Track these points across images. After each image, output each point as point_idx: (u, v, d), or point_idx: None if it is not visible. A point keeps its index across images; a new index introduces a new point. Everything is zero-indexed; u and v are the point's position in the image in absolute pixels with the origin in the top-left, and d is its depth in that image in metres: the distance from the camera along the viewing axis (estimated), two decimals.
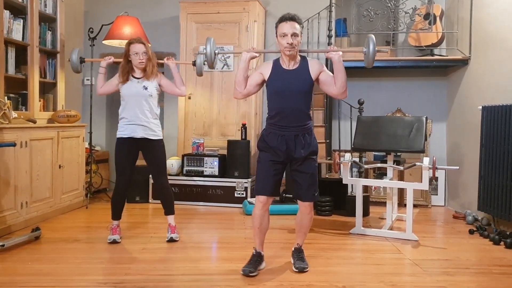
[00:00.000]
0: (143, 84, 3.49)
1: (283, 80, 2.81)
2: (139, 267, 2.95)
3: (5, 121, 3.64)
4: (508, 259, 3.24)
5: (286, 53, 2.78)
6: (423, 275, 2.89)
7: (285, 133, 2.81)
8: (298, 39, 2.76)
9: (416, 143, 3.93)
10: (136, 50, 3.47)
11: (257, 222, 2.89)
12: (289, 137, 2.81)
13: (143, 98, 3.48)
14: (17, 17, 4.09)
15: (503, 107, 3.87)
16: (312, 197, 2.87)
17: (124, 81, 3.51)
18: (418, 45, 5.15)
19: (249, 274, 2.79)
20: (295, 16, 2.77)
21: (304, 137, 2.83)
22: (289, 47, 2.74)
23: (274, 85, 2.83)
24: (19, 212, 3.79)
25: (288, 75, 2.81)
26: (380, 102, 5.47)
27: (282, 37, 2.75)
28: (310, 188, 2.85)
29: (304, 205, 2.89)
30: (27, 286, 2.62)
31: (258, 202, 2.86)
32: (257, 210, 2.87)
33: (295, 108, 2.80)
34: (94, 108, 5.32)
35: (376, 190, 5.17)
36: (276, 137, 2.82)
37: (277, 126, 2.83)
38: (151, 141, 3.52)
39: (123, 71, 3.52)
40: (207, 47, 3.02)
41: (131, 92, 3.49)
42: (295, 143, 2.81)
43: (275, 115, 2.84)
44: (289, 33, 2.72)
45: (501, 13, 4.20)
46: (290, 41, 2.72)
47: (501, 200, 3.82)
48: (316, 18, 5.38)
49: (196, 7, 5.32)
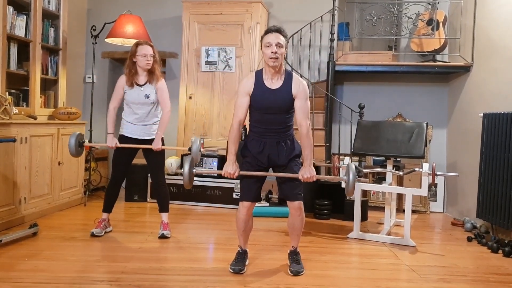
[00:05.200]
0: (145, 92, 3.54)
1: (265, 100, 2.80)
2: (135, 266, 2.95)
3: (6, 116, 3.65)
4: (505, 267, 3.23)
5: (270, 64, 2.76)
6: (419, 282, 2.88)
7: (267, 140, 2.85)
8: (282, 50, 2.75)
9: (416, 148, 3.93)
10: (144, 52, 3.49)
11: (242, 226, 2.94)
12: (271, 144, 2.85)
13: (145, 105, 3.56)
14: (20, 13, 4.10)
15: (504, 114, 3.86)
16: (296, 197, 2.88)
17: (130, 85, 3.54)
18: (421, 50, 5.15)
19: (240, 272, 2.87)
20: (281, 29, 2.79)
21: (286, 143, 2.87)
22: (273, 57, 2.72)
23: (256, 105, 2.83)
24: (18, 208, 3.79)
25: (271, 95, 2.80)
26: (381, 107, 5.47)
27: (267, 47, 2.74)
28: (295, 188, 2.87)
29: (293, 207, 2.90)
30: (23, 282, 2.61)
31: (242, 208, 2.90)
32: (241, 215, 2.91)
33: (277, 122, 2.84)
34: (94, 106, 5.33)
35: (375, 195, 5.16)
36: (258, 144, 2.86)
37: (258, 134, 2.87)
38: (151, 140, 3.59)
39: (129, 73, 3.55)
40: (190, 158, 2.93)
41: (133, 99, 3.55)
42: (278, 150, 2.85)
43: (256, 126, 2.88)
44: (274, 43, 2.72)
45: (504, 20, 4.20)
46: (274, 50, 2.71)
47: (500, 208, 3.81)
48: (319, 21, 5.39)
49: (199, 8, 5.33)
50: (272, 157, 2.86)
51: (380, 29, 5.07)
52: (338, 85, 5.61)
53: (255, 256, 3.23)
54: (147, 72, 3.56)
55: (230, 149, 2.85)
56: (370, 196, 5.09)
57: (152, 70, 3.54)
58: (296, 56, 5.66)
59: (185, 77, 5.38)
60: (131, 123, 3.59)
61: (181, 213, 4.58)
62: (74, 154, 3.53)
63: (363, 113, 4.92)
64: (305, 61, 5.66)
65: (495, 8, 4.37)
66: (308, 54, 5.53)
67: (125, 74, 3.57)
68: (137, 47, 3.52)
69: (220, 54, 5.27)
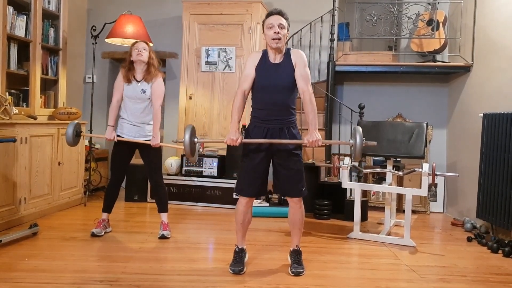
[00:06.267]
0: (142, 87, 3.56)
1: (269, 75, 2.81)
2: (135, 266, 2.95)
3: (6, 116, 3.65)
4: (505, 267, 3.23)
5: (273, 46, 2.77)
6: (419, 282, 2.88)
7: (269, 126, 2.83)
8: (284, 31, 2.77)
9: (416, 149, 3.93)
10: (136, 46, 3.56)
11: (241, 218, 2.93)
12: (274, 130, 2.83)
13: (141, 101, 3.57)
14: (20, 13, 4.10)
15: (504, 115, 3.86)
16: (300, 193, 2.87)
17: (127, 81, 3.57)
18: (421, 51, 5.15)
19: (240, 273, 2.85)
20: (282, 11, 2.81)
21: (289, 130, 2.85)
22: (276, 37, 2.74)
23: (260, 80, 2.83)
24: (18, 208, 3.79)
25: (274, 70, 2.82)
26: (381, 107, 5.47)
27: (269, 29, 2.77)
28: (297, 183, 2.86)
29: (293, 200, 2.89)
30: (23, 282, 2.61)
31: (242, 200, 2.89)
32: (241, 207, 2.90)
33: (280, 103, 2.81)
34: (94, 106, 5.33)
35: (375, 195, 5.16)
36: (261, 130, 2.84)
37: (260, 120, 2.85)
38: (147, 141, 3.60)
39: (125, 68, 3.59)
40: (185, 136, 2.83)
41: (130, 94, 3.57)
42: (280, 136, 2.82)
43: (259, 108, 2.86)
44: (276, 24, 2.75)
45: (504, 21, 4.20)
46: (277, 30, 2.73)
47: (500, 208, 3.81)
48: (319, 21, 5.39)
49: (199, 8, 5.33)
50: (275, 144, 2.81)
51: (380, 29, 5.07)
52: (338, 85, 5.62)
53: (254, 256, 3.23)
54: (144, 70, 3.57)
55: (234, 118, 2.83)
56: (370, 196, 5.09)
57: (148, 69, 3.56)
58: None
59: (185, 77, 5.38)
60: (127, 120, 3.60)
61: (181, 213, 4.58)
62: (71, 143, 3.52)
63: (363, 113, 4.92)
64: None
65: (495, 8, 4.37)
66: (308, 54, 5.53)
67: (121, 70, 3.61)
68: (132, 46, 3.60)
69: (220, 54, 5.27)
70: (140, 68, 3.58)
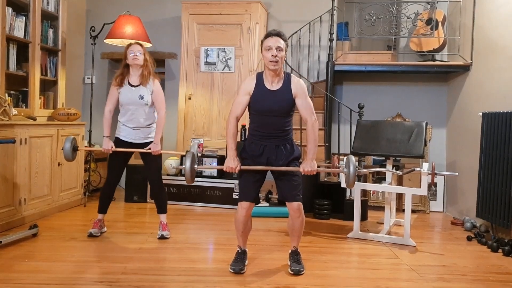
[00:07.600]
0: (140, 93, 3.53)
1: (265, 101, 2.83)
2: (135, 267, 2.95)
3: (5, 117, 3.64)
4: (505, 266, 3.23)
5: (270, 68, 2.78)
6: (419, 281, 2.88)
7: (266, 143, 2.88)
8: (282, 53, 2.78)
9: (415, 148, 3.93)
10: (131, 49, 3.54)
11: (241, 227, 2.95)
12: (270, 147, 2.88)
13: (140, 107, 3.55)
14: (19, 14, 4.10)
15: (503, 114, 3.86)
16: (295, 197, 2.88)
17: (118, 84, 3.54)
18: (420, 50, 5.15)
19: (240, 272, 2.87)
20: (281, 33, 2.82)
21: (285, 147, 2.90)
22: (274, 60, 2.75)
23: (256, 105, 2.86)
24: (17, 209, 3.79)
25: (271, 96, 2.83)
26: (380, 107, 5.47)
27: (267, 51, 2.77)
28: (294, 189, 2.88)
29: (292, 208, 2.90)
30: (23, 283, 2.61)
31: (241, 209, 2.90)
32: (240, 216, 2.92)
33: (277, 126, 2.86)
34: (94, 107, 5.33)
35: (374, 194, 5.16)
36: (258, 147, 2.89)
37: (258, 137, 2.89)
38: (147, 143, 3.61)
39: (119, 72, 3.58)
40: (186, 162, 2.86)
41: (128, 100, 3.55)
42: (276, 153, 2.88)
43: (256, 129, 2.90)
44: (274, 46, 2.75)
45: (503, 20, 4.20)
46: (274, 53, 2.74)
47: (500, 207, 3.81)
48: (318, 21, 5.39)
49: (198, 8, 5.33)
50: (271, 159, 2.88)
51: (379, 28, 5.07)
52: (337, 85, 5.62)
53: (255, 256, 3.23)
54: (140, 74, 3.55)
55: (230, 145, 2.87)
56: (370, 195, 5.09)
57: (143, 72, 3.54)
58: (296, 56, 5.66)
59: (184, 77, 5.38)
60: (127, 126, 3.59)
61: (181, 214, 4.58)
62: (70, 158, 3.51)
63: (363, 113, 4.92)
64: (305, 61, 5.67)
65: (494, 8, 4.37)
66: (308, 54, 5.53)
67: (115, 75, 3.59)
68: (127, 48, 3.57)
69: (220, 54, 5.27)
70: (136, 72, 3.56)
